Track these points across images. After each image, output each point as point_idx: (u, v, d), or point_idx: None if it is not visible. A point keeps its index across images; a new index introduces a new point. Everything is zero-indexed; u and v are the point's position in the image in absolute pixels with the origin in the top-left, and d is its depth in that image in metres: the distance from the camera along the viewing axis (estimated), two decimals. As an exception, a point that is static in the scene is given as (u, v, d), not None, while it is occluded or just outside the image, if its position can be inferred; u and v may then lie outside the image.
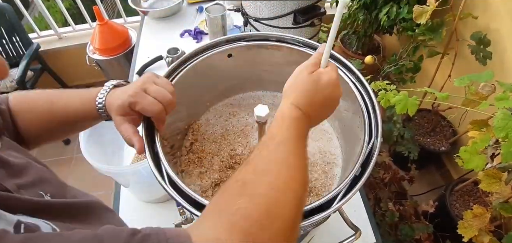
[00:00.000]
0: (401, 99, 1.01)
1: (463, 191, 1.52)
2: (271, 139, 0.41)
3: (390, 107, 1.47)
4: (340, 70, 0.67)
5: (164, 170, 0.53)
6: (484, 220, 1.01)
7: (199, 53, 0.71)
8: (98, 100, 0.53)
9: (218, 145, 0.79)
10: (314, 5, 1.10)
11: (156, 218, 0.86)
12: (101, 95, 0.53)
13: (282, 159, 0.39)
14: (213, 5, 1.25)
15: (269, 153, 0.40)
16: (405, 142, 1.57)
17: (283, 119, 0.43)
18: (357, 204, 0.86)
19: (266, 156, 0.39)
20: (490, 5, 1.37)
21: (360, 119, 0.61)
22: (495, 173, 0.96)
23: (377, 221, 1.27)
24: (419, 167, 1.56)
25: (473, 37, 1.30)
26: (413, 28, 1.51)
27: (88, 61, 2.08)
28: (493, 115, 0.83)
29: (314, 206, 0.49)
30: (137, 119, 0.53)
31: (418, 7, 1.29)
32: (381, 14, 1.64)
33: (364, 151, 0.55)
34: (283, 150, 0.40)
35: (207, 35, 1.44)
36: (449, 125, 1.76)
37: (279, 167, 0.38)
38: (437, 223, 1.37)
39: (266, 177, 0.37)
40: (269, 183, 0.36)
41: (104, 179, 1.03)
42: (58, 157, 2.21)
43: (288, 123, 0.43)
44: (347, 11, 1.94)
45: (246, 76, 0.83)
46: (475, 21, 1.38)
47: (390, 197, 1.43)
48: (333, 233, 0.79)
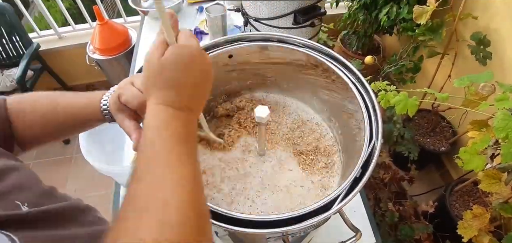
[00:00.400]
0: (401, 100, 1.01)
1: (463, 191, 1.52)
2: (147, 160, 0.35)
3: (390, 108, 1.48)
4: (340, 71, 0.67)
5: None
6: (484, 221, 1.01)
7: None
8: (103, 102, 0.53)
9: (218, 145, 0.79)
10: (314, 5, 1.10)
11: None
12: (106, 97, 0.53)
13: (160, 185, 0.32)
14: (213, 5, 1.25)
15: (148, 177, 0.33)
16: (405, 142, 1.57)
17: (158, 130, 0.36)
18: (357, 205, 0.86)
19: (146, 185, 0.33)
20: (490, 5, 1.37)
21: (360, 120, 0.61)
22: (495, 173, 0.96)
23: (377, 221, 1.27)
24: (419, 167, 1.56)
25: (473, 37, 1.30)
26: (413, 29, 1.51)
27: (88, 61, 2.07)
28: (493, 116, 0.83)
29: (314, 208, 0.49)
30: (135, 114, 0.51)
31: (418, 7, 1.29)
32: (381, 14, 1.64)
33: (365, 152, 0.55)
34: (160, 174, 0.33)
35: (208, 35, 1.44)
36: (449, 125, 1.76)
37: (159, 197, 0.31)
38: (437, 223, 1.37)
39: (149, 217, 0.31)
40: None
41: (104, 179, 1.03)
42: (58, 157, 2.21)
43: (162, 131, 0.36)
44: (347, 11, 1.94)
45: (246, 77, 0.83)
46: (475, 22, 1.38)
47: (390, 197, 1.43)
48: (332, 234, 0.79)
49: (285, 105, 0.87)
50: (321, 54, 0.70)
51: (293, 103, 0.87)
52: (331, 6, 2.22)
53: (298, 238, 0.70)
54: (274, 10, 1.08)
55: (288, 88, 0.86)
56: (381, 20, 1.64)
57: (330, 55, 0.70)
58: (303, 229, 0.49)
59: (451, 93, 1.04)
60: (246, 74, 0.82)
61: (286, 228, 0.47)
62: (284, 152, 0.77)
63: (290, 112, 0.85)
